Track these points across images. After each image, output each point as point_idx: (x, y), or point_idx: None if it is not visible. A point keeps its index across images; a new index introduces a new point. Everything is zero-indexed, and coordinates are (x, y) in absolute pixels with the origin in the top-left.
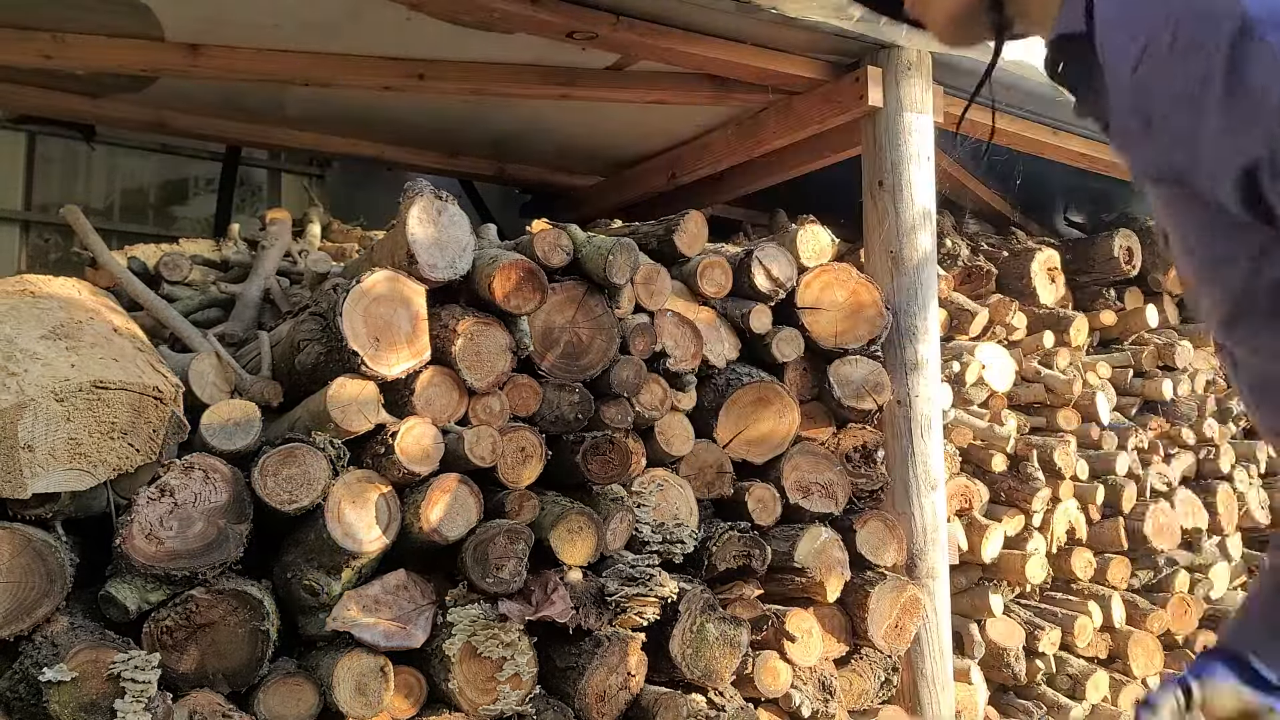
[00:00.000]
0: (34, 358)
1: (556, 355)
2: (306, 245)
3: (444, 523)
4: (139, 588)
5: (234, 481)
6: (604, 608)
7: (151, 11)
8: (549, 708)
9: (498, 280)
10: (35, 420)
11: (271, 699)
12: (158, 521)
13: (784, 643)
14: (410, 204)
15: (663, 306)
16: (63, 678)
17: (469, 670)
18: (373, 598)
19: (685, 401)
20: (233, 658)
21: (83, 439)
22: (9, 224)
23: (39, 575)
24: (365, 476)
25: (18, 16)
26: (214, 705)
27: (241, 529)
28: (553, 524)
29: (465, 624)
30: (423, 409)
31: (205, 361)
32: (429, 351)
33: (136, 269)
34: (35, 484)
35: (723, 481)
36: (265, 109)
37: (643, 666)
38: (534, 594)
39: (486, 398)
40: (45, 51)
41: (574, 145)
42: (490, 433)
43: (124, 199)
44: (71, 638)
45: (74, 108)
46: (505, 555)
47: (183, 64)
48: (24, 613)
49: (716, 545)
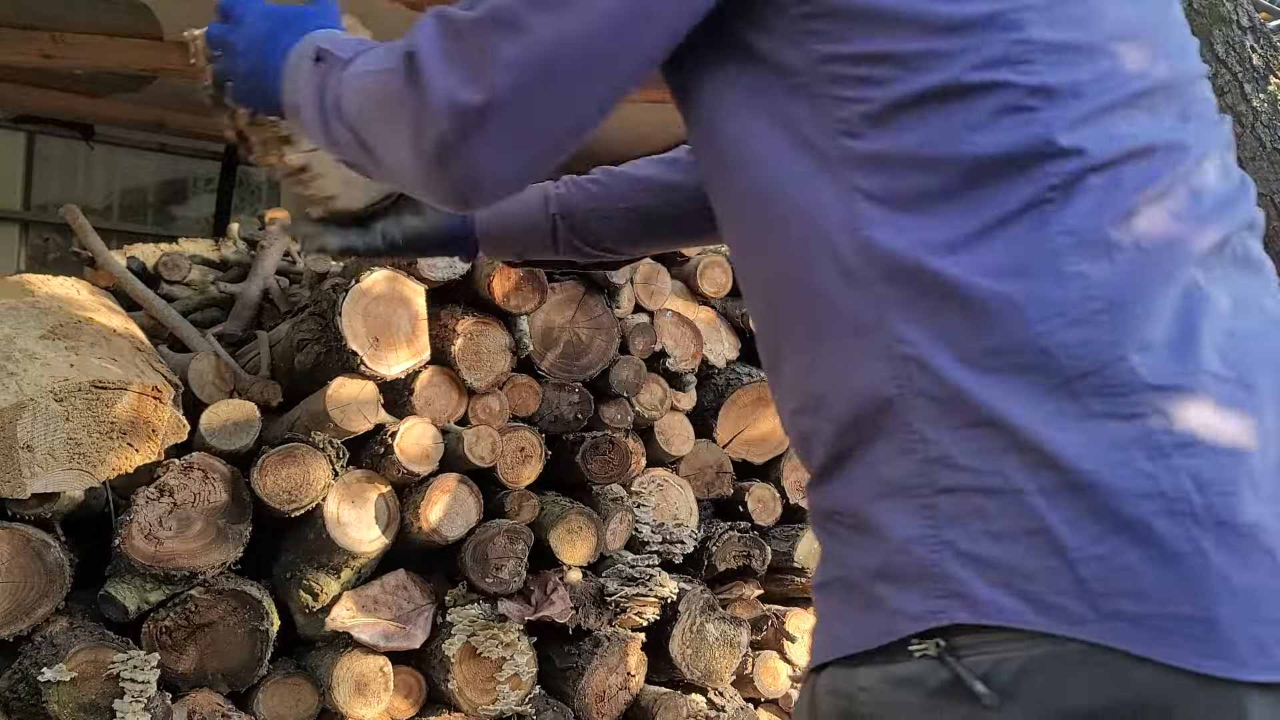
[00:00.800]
0: (33, 357)
1: (556, 355)
2: None
3: (444, 523)
4: (138, 588)
5: (233, 481)
6: (604, 608)
7: (151, 11)
8: (549, 708)
9: (497, 280)
10: (35, 420)
11: (271, 699)
12: (157, 521)
13: (784, 643)
14: None
15: (663, 306)
16: (62, 678)
17: (469, 670)
18: (372, 598)
19: (685, 401)
20: (232, 658)
21: (82, 439)
22: (8, 224)
23: (38, 575)
24: (365, 476)
25: (18, 16)
26: (213, 705)
27: (241, 529)
28: (552, 524)
29: (465, 624)
30: (422, 409)
31: (204, 361)
32: (428, 352)
33: (135, 269)
34: (34, 484)
35: (723, 481)
36: None
37: (643, 666)
38: (534, 594)
39: (486, 397)
40: (45, 51)
41: None
42: (490, 433)
43: (123, 199)
44: (71, 638)
45: (74, 108)
46: (505, 555)
47: (182, 64)
48: (23, 613)
49: (716, 545)
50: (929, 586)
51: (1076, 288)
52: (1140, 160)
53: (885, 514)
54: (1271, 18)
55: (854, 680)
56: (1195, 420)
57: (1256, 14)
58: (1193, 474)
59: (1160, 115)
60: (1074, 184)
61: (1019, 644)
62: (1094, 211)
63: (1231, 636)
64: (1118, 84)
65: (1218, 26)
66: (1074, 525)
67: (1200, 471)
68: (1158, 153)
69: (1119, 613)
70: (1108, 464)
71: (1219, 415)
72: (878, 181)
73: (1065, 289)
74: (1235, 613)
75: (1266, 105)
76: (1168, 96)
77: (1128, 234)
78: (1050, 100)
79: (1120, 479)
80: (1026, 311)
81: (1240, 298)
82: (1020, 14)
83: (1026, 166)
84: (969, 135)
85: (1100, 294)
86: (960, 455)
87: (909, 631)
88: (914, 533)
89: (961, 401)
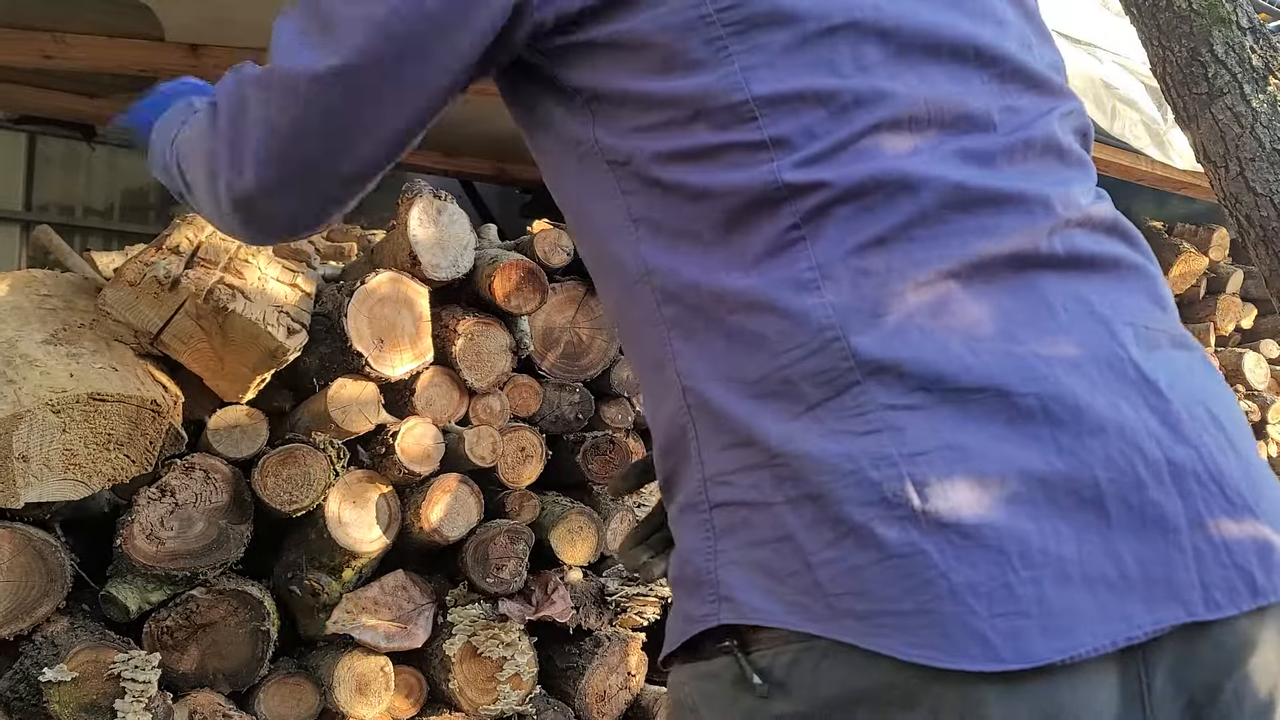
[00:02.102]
0: (33, 364)
1: (557, 355)
2: (306, 245)
3: (445, 523)
4: (139, 588)
5: (234, 482)
6: (604, 608)
7: (151, 11)
8: (549, 708)
9: (498, 280)
10: (30, 431)
11: (272, 699)
12: (158, 521)
13: None
14: (410, 205)
15: None
16: (63, 678)
17: (469, 670)
18: (372, 599)
19: None
20: (233, 658)
21: (78, 450)
22: (9, 224)
23: (39, 574)
24: (366, 477)
25: (18, 16)
26: (214, 705)
27: (242, 529)
28: (553, 524)
29: (466, 624)
30: (423, 409)
31: None
32: (431, 352)
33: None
34: (29, 494)
35: None
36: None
37: (643, 666)
38: (534, 594)
39: (487, 398)
40: (45, 51)
41: None
42: (491, 433)
43: (124, 199)
44: (72, 638)
45: (74, 108)
46: (506, 555)
47: (183, 64)
48: (24, 612)
49: None
50: (706, 592)
51: (815, 319)
52: (894, 184)
53: (680, 528)
54: (1271, 18)
55: (680, 674)
56: (927, 432)
57: (1256, 15)
58: (916, 481)
59: (928, 130)
60: (818, 217)
61: (790, 643)
62: (838, 241)
63: (952, 630)
64: (865, 114)
65: (1217, 27)
66: (812, 532)
67: (925, 478)
68: (917, 173)
69: (849, 611)
70: (839, 474)
71: (955, 426)
72: (660, 216)
73: (805, 321)
74: (957, 608)
75: (1266, 106)
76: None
77: (872, 259)
78: (780, 147)
79: (848, 488)
80: (773, 344)
81: (1030, 302)
82: (741, 75)
83: (768, 207)
84: (721, 182)
85: (837, 323)
86: (727, 473)
87: (694, 632)
88: (696, 544)
89: (728, 425)
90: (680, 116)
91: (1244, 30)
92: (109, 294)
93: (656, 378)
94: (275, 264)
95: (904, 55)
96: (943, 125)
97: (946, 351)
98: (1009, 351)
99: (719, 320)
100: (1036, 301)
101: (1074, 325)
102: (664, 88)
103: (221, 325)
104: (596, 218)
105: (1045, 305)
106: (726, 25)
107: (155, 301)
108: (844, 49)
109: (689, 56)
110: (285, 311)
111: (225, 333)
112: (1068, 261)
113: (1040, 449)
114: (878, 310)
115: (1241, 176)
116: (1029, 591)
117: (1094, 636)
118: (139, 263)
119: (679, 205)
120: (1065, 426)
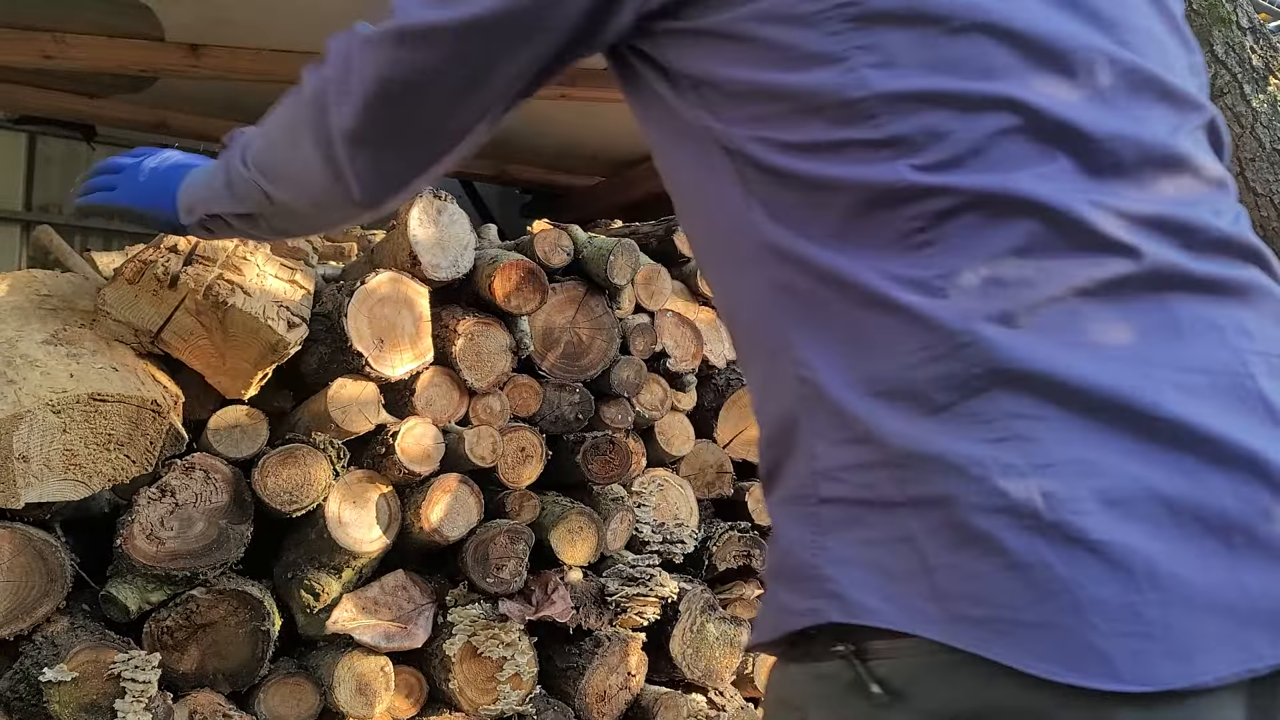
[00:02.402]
0: (34, 365)
1: (557, 355)
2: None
3: (445, 523)
4: (140, 588)
5: (235, 482)
6: (604, 608)
7: (151, 11)
8: (549, 708)
9: (498, 280)
10: (31, 431)
11: (272, 699)
12: (158, 521)
13: None
14: (410, 205)
15: (663, 307)
16: (63, 678)
17: (469, 670)
18: (372, 599)
19: (685, 401)
20: (233, 658)
21: (79, 450)
22: (9, 224)
23: (39, 575)
24: (366, 477)
25: (18, 16)
26: (214, 705)
27: (242, 529)
28: (553, 524)
29: (466, 624)
30: (423, 409)
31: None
32: (431, 352)
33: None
34: (29, 494)
35: (723, 481)
36: (265, 109)
37: (643, 666)
38: (534, 594)
39: (487, 398)
40: (45, 51)
41: (574, 145)
42: (491, 433)
43: None
44: (72, 638)
45: (74, 108)
46: (506, 555)
47: (183, 64)
48: (24, 612)
49: (716, 545)
50: (809, 587)
51: (943, 324)
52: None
53: (782, 520)
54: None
55: (790, 673)
56: (1055, 444)
57: (1256, 15)
58: (1045, 492)
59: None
60: (946, 222)
61: (913, 654)
62: (968, 248)
63: (1075, 645)
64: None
65: (1217, 27)
66: (933, 535)
67: (1052, 490)
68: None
69: (965, 616)
70: (965, 480)
71: (1084, 440)
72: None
73: (932, 325)
74: (1081, 624)
75: (1266, 106)
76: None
77: (1004, 269)
78: (902, 146)
79: (973, 494)
80: (897, 344)
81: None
82: (861, 72)
83: (892, 205)
84: (842, 175)
85: (966, 329)
86: (839, 469)
87: (795, 627)
88: (799, 537)
89: (843, 420)
90: (795, 109)
91: (1244, 30)
92: (109, 294)
93: (770, 365)
94: (273, 261)
95: (1031, 60)
96: (1071, 138)
97: (1077, 365)
98: (1140, 371)
99: (841, 314)
100: (1168, 323)
101: (1205, 351)
102: (778, 80)
103: (222, 321)
104: (710, 200)
105: (1176, 328)
106: (846, 21)
107: (155, 299)
108: (970, 51)
109: (805, 50)
110: (285, 306)
111: (226, 328)
112: (1202, 285)
113: (1168, 472)
114: (1009, 320)
115: (1241, 177)
116: (1155, 614)
117: (1216, 665)
118: (138, 261)
119: (799, 193)
120: (1193, 451)
